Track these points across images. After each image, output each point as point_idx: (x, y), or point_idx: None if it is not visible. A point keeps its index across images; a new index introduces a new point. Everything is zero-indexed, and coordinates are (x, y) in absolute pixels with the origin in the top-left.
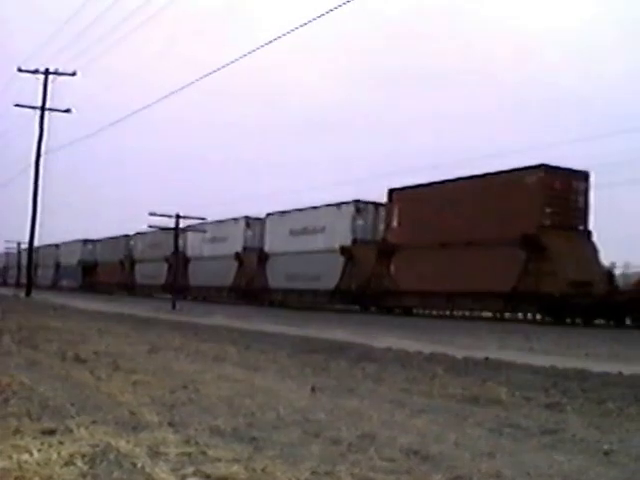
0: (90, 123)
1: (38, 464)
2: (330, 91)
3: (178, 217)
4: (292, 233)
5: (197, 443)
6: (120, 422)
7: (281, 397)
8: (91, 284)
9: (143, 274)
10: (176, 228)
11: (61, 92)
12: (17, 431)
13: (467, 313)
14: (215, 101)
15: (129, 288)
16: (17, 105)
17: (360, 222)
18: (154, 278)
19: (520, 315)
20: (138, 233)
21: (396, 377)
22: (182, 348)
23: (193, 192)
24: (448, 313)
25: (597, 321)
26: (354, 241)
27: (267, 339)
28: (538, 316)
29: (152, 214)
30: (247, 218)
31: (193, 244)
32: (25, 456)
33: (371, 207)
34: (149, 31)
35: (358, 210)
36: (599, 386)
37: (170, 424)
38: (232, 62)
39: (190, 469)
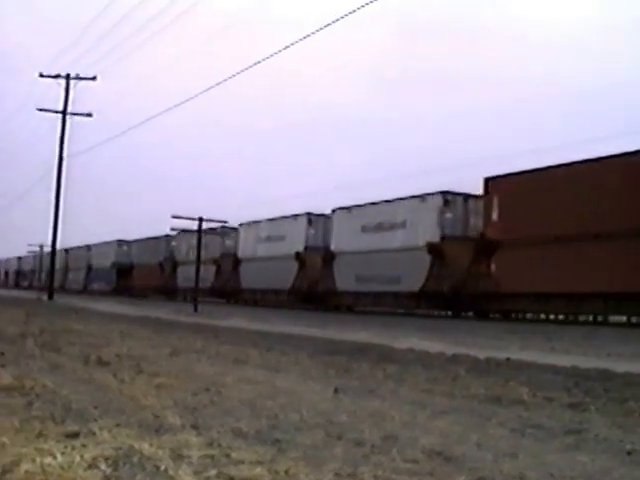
0: (112, 127)
1: (61, 467)
2: (351, 91)
3: (201, 220)
4: (364, 230)
5: (220, 445)
6: (143, 425)
7: (303, 399)
8: (126, 288)
9: (186, 277)
10: (199, 231)
11: (82, 97)
12: (40, 434)
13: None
14: (234, 104)
15: (169, 292)
16: (40, 109)
17: (449, 215)
18: (200, 281)
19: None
20: (181, 232)
21: (418, 378)
22: (204, 350)
23: (215, 195)
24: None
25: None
26: (442, 237)
27: (288, 341)
28: (561, 316)
29: (175, 217)
30: (309, 214)
31: (245, 244)
32: (49, 459)
33: (460, 199)
34: (169, 35)
35: (446, 202)
36: (622, 386)
37: (193, 427)
38: (254, 65)
39: (213, 471)
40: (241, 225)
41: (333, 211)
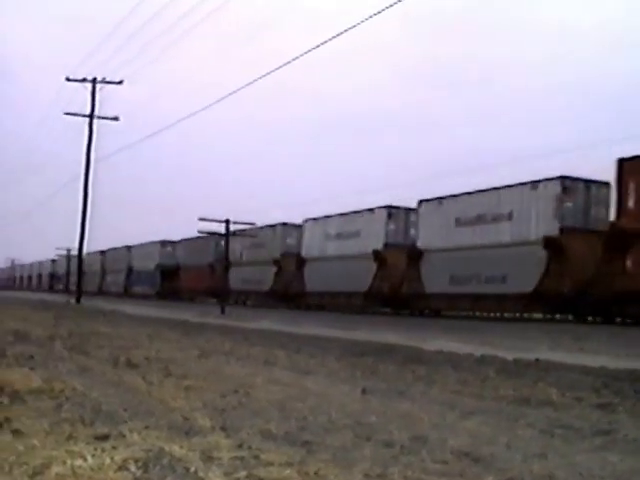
0: (139, 129)
1: (92, 469)
2: (384, 90)
3: (228, 222)
4: (460, 223)
5: (249, 447)
6: (173, 427)
7: (332, 400)
8: (171, 291)
9: (241, 279)
10: (226, 234)
11: (109, 100)
12: (70, 437)
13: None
14: (264, 105)
15: (221, 295)
16: (67, 113)
17: (569, 205)
18: (256, 284)
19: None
20: (234, 232)
21: (447, 379)
22: (232, 352)
23: (241, 197)
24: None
25: None
26: (561, 230)
27: (316, 342)
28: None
29: (202, 219)
30: (389, 207)
31: (311, 242)
32: (79, 461)
33: (581, 185)
34: (196, 38)
35: (565, 190)
36: None
37: (222, 428)
38: (283, 65)
39: (243, 473)
40: (306, 221)
41: (419, 203)
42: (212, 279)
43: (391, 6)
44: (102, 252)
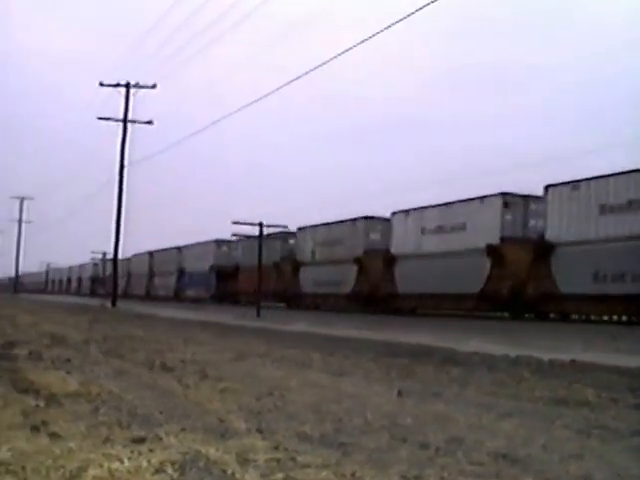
0: (172, 134)
1: (129, 472)
2: (408, 93)
3: (261, 226)
4: (605, 211)
5: (286, 449)
6: (209, 429)
7: (367, 402)
8: (230, 293)
9: (314, 280)
10: (260, 237)
11: (143, 105)
12: (107, 439)
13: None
14: (292, 109)
15: (291, 298)
16: (100, 118)
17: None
18: (334, 285)
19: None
20: (303, 228)
21: (482, 381)
22: (267, 355)
23: (273, 200)
24: None
25: None
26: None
27: (351, 344)
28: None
29: (235, 223)
30: (504, 195)
31: (404, 237)
32: (116, 464)
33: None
34: (228, 42)
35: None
36: None
37: (258, 431)
38: (312, 70)
39: (279, 475)
40: (394, 214)
41: (546, 189)
42: (279, 281)
43: (411, 14)
44: (150, 253)
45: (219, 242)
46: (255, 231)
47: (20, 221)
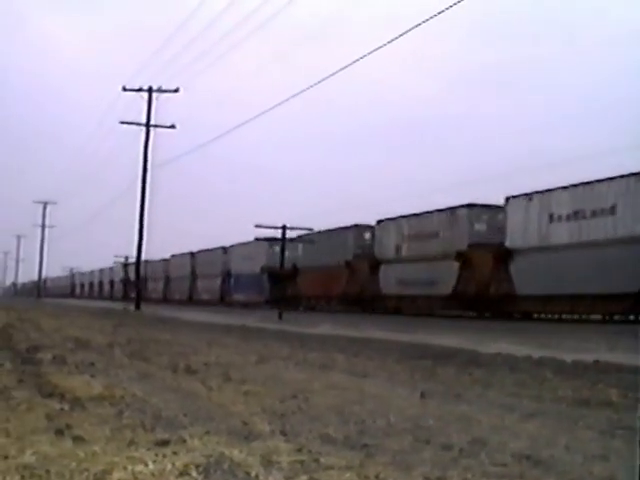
0: (194, 138)
1: (153, 475)
2: (427, 95)
3: (284, 228)
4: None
5: (309, 451)
6: (232, 432)
7: (391, 404)
8: (289, 297)
9: (399, 280)
10: (283, 239)
11: (165, 109)
12: (132, 442)
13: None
14: (314, 113)
15: (367, 301)
16: (122, 122)
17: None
18: (427, 286)
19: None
20: (383, 220)
21: (505, 382)
22: (290, 357)
23: (292, 203)
24: None
25: None
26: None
27: (374, 346)
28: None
29: (258, 226)
30: None
31: (525, 227)
32: (140, 467)
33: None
34: (249, 47)
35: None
36: None
37: (282, 433)
38: (331, 75)
39: (303, 477)
40: (511, 198)
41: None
42: (351, 282)
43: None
44: (192, 254)
45: (271, 240)
46: (278, 234)
47: (43, 226)
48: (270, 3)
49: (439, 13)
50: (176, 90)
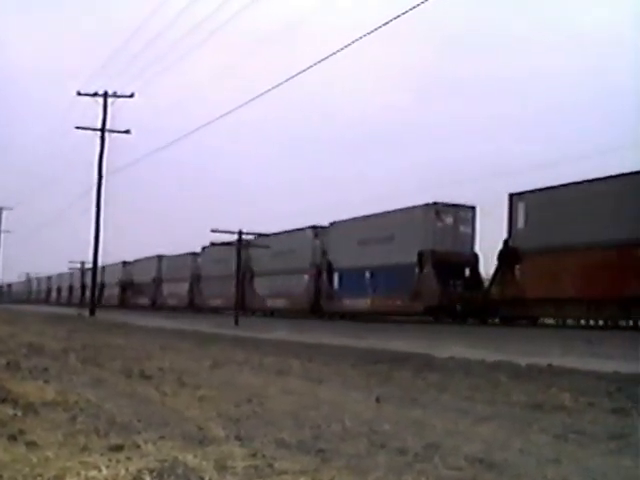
0: (152, 142)
1: None
2: (381, 101)
3: (240, 233)
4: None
5: (264, 456)
6: (187, 437)
7: (346, 408)
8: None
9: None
10: (239, 244)
11: (121, 114)
12: (85, 448)
13: None
14: (268, 119)
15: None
16: (78, 127)
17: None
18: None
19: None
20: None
21: (459, 386)
22: (245, 362)
23: (248, 210)
24: None
25: None
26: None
27: (330, 351)
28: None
29: (214, 231)
30: None
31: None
32: (93, 472)
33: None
34: (206, 51)
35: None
36: None
37: (236, 438)
38: (288, 79)
39: None
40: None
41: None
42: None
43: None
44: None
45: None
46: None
47: None
48: (226, 8)
49: (397, 17)
50: (131, 95)
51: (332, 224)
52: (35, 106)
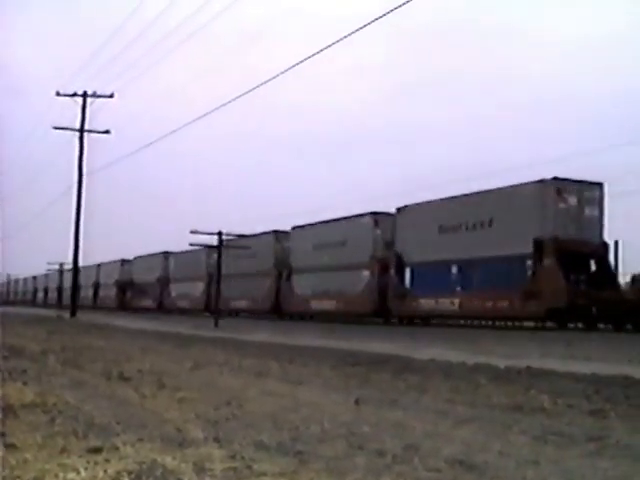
0: (131, 144)
1: None
2: (346, 106)
3: (220, 234)
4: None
5: (242, 458)
6: (166, 439)
7: (325, 410)
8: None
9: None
10: (219, 246)
11: (100, 114)
12: (64, 450)
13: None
14: (250, 117)
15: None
16: (56, 128)
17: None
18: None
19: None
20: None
21: (439, 388)
22: (225, 364)
23: (226, 211)
24: None
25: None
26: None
27: (309, 353)
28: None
29: (193, 232)
30: None
31: None
32: (72, 474)
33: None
34: (186, 51)
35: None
36: None
37: (215, 440)
38: (263, 84)
39: None
40: None
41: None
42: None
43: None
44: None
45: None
46: (214, 240)
47: None
48: (207, 8)
49: (372, 21)
50: (111, 95)
51: (401, 209)
52: (15, 106)
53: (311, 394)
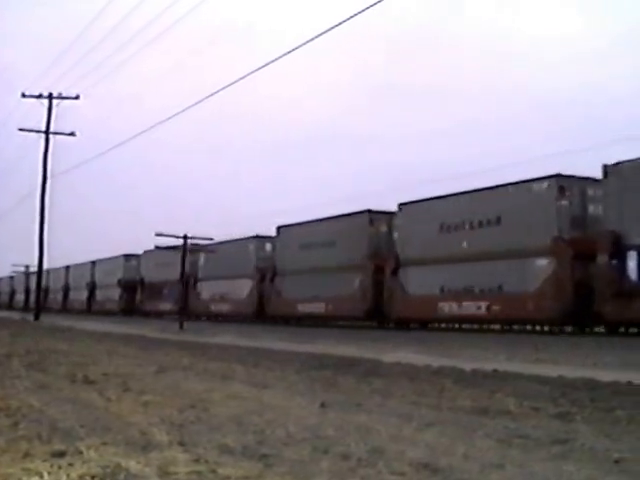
0: (97, 145)
1: None
2: (327, 108)
3: (186, 238)
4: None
5: (207, 461)
6: (130, 442)
7: (290, 414)
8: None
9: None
10: (184, 249)
11: (66, 116)
12: (27, 454)
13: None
14: (215, 122)
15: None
16: (21, 129)
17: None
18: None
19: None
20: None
21: (404, 391)
22: (190, 368)
23: (195, 213)
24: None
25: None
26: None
27: (275, 356)
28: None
29: (159, 234)
30: None
31: None
32: (35, 478)
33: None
34: (153, 53)
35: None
36: (609, 395)
37: (180, 443)
38: (234, 82)
39: None
40: None
41: None
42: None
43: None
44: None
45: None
46: (179, 243)
47: None
48: (175, 8)
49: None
50: (77, 97)
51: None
52: None
53: (276, 397)
